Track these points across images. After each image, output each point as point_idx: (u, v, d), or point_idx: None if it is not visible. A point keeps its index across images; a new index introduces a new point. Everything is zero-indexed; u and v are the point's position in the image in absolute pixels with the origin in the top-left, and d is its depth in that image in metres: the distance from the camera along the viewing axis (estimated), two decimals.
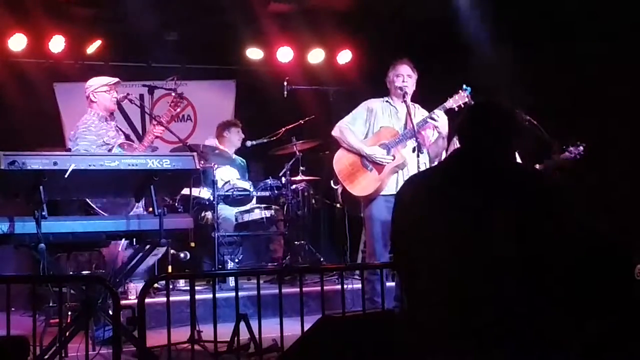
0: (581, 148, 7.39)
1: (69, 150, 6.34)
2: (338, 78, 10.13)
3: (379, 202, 6.33)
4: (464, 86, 6.34)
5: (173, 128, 6.58)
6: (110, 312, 5.24)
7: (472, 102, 6.28)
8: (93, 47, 9.79)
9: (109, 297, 5.12)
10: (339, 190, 6.45)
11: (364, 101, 6.70)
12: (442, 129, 6.31)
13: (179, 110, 6.56)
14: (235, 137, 9.13)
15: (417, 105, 6.60)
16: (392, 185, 6.34)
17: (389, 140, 6.41)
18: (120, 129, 6.64)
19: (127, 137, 6.61)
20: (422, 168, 6.13)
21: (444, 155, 6.35)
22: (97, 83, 6.52)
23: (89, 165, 4.99)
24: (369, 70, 7.62)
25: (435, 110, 6.31)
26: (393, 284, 6.64)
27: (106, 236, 5.31)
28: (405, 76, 6.52)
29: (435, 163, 6.51)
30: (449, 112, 6.31)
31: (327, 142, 6.68)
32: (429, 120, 6.32)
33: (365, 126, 6.56)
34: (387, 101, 6.63)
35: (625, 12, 7.11)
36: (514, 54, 7.78)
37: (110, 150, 6.22)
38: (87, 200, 5.87)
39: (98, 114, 6.47)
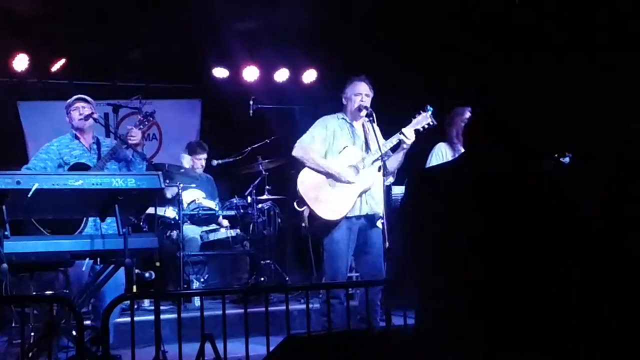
0: (568, 158, 7.46)
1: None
2: (303, 97, 10.17)
3: (343, 224, 6.26)
4: (427, 106, 6.35)
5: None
6: (74, 333, 5.19)
7: (435, 122, 6.33)
8: (57, 66, 9.74)
9: (72, 317, 5.07)
10: (305, 212, 6.38)
11: (320, 119, 6.61)
12: (407, 146, 6.32)
13: (145, 128, 6.53)
14: (204, 162, 9.11)
15: (374, 123, 6.44)
16: (357, 207, 6.29)
17: (356, 161, 6.37)
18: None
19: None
20: (386, 186, 6.15)
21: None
22: (66, 103, 6.53)
23: (53, 185, 4.94)
24: (334, 89, 7.66)
25: (404, 130, 6.28)
26: (356, 303, 6.64)
27: (70, 256, 5.26)
28: (363, 95, 6.45)
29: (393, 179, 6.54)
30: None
31: (293, 161, 6.66)
32: (401, 140, 6.30)
33: (324, 145, 6.43)
34: (343, 118, 6.54)
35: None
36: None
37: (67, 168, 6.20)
38: (32, 221, 5.79)
39: (71, 132, 6.46)
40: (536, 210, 3.02)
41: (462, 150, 4.50)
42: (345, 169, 6.32)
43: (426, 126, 6.30)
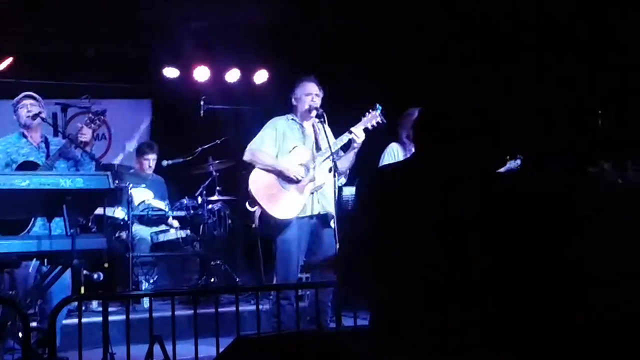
0: (519, 161, 7.54)
1: None
2: (255, 97, 10.15)
3: (295, 223, 6.28)
4: (377, 105, 6.38)
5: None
6: (20, 335, 5.12)
7: (384, 121, 6.35)
8: (4, 64, 9.59)
9: (18, 319, 5.00)
10: (257, 213, 6.37)
11: (269, 121, 6.62)
12: (358, 146, 6.35)
13: (95, 127, 6.45)
14: (153, 163, 9.04)
15: (325, 123, 6.47)
16: (309, 206, 6.32)
17: (307, 160, 6.38)
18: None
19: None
20: (337, 187, 6.17)
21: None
22: (14, 100, 6.43)
23: None
24: (285, 89, 7.67)
25: (354, 130, 6.31)
26: (306, 304, 6.65)
27: (17, 257, 5.19)
28: (313, 95, 6.47)
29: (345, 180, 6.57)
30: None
31: (243, 161, 6.65)
32: (351, 139, 6.32)
33: (275, 147, 6.45)
34: (292, 119, 6.56)
35: None
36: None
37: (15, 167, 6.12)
38: None
39: (19, 131, 6.37)
40: (478, 210, 3.05)
41: (414, 150, 4.54)
42: (295, 166, 6.33)
43: (375, 124, 6.34)
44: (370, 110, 6.37)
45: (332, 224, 6.32)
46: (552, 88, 7.53)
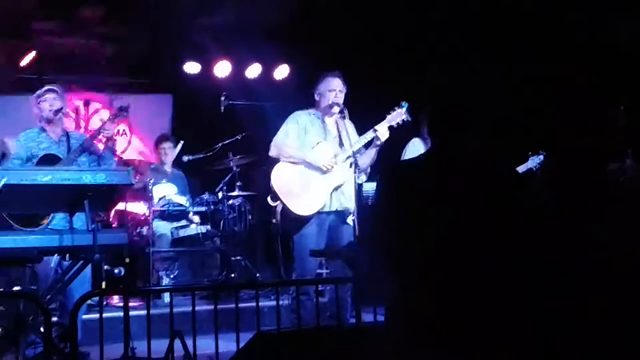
0: (542, 157, 7.49)
1: None
2: (275, 93, 10.14)
3: (313, 220, 6.29)
4: (402, 103, 6.35)
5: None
6: (42, 330, 5.15)
7: (409, 119, 6.32)
8: (27, 59, 9.64)
9: (40, 314, 5.03)
10: (278, 208, 6.37)
11: (291, 115, 6.62)
12: (381, 143, 6.32)
13: (118, 122, 6.48)
14: (169, 151, 9.08)
15: (347, 119, 6.48)
16: (328, 203, 6.31)
17: (330, 157, 6.35)
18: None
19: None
20: (358, 184, 6.15)
21: None
22: (37, 93, 6.44)
23: (21, 180, 4.89)
24: (306, 85, 7.66)
25: (378, 128, 6.28)
26: (325, 299, 6.64)
27: (38, 252, 5.21)
28: (337, 91, 6.45)
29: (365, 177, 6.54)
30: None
31: (263, 157, 6.65)
32: (374, 137, 6.30)
33: (297, 141, 6.45)
34: (314, 114, 6.56)
35: None
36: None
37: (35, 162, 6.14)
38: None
39: (40, 124, 6.39)
40: (493, 206, 3.05)
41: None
42: (324, 157, 6.31)
43: (400, 122, 6.30)
44: (396, 108, 6.33)
45: (350, 220, 6.31)
46: (573, 82, 7.47)
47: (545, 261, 3.08)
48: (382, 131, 6.27)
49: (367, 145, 6.37)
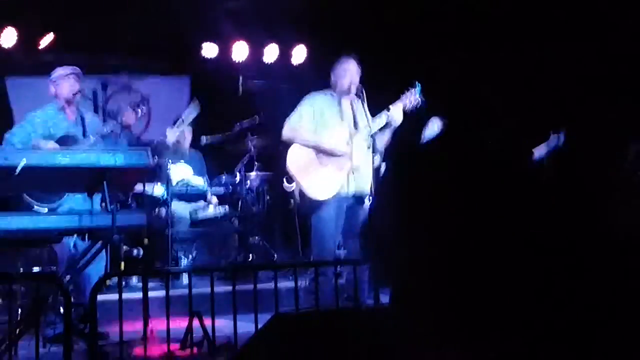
0: (562, 136, 7.41)
1: None
2: (293, 75, 10.13)
3: (331, 203, 6.27)
4: (415, 82, 6.33)
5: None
6: (61, 310, 5.18)
7: (423, 100, 6.30)
8: (46, 41, 9.64)
9: (59, 294, 5.06)
10: (295, 190, 6.37)
11: (306, 96, 6.61)
12: (396, 125, 6.31)
13: (139, 111, 6.52)
14: (187, 133, 9.07)
15: (364, 102, 6.42)
16: (345, 185, 6.29)
17: (346, 139, 6.34)
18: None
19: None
20: (375, 166, 6.14)
21: None
22: (55, 72, 6.45)
23: (40, 161, 4.91)
24: (323, 67, 7.65)
25: (392, 107, 6.28)
26: (343, 281, 6.64)
27: (58, 233, 5.23)
28: (353, 73, 6.45)
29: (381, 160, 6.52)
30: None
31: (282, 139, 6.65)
32: (388, 118, 6.29)
33: (312, 123, 6.43)
34: (330, 95, 6.56)
35: None
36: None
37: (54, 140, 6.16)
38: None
39: (57, 104, 6.41)
40: (501, 190, 3.04)
41: None
42: (338, 143, 6.29)
43: (414, 103, 6.28)
44: (409, 88, 6.32)
45: (367, 202, 6.30)
46: (594, 62, 7.41)
47: (556, 244, 3.07)
48: (395, 112, 6.26)
49: (382, 128, 6.36)
